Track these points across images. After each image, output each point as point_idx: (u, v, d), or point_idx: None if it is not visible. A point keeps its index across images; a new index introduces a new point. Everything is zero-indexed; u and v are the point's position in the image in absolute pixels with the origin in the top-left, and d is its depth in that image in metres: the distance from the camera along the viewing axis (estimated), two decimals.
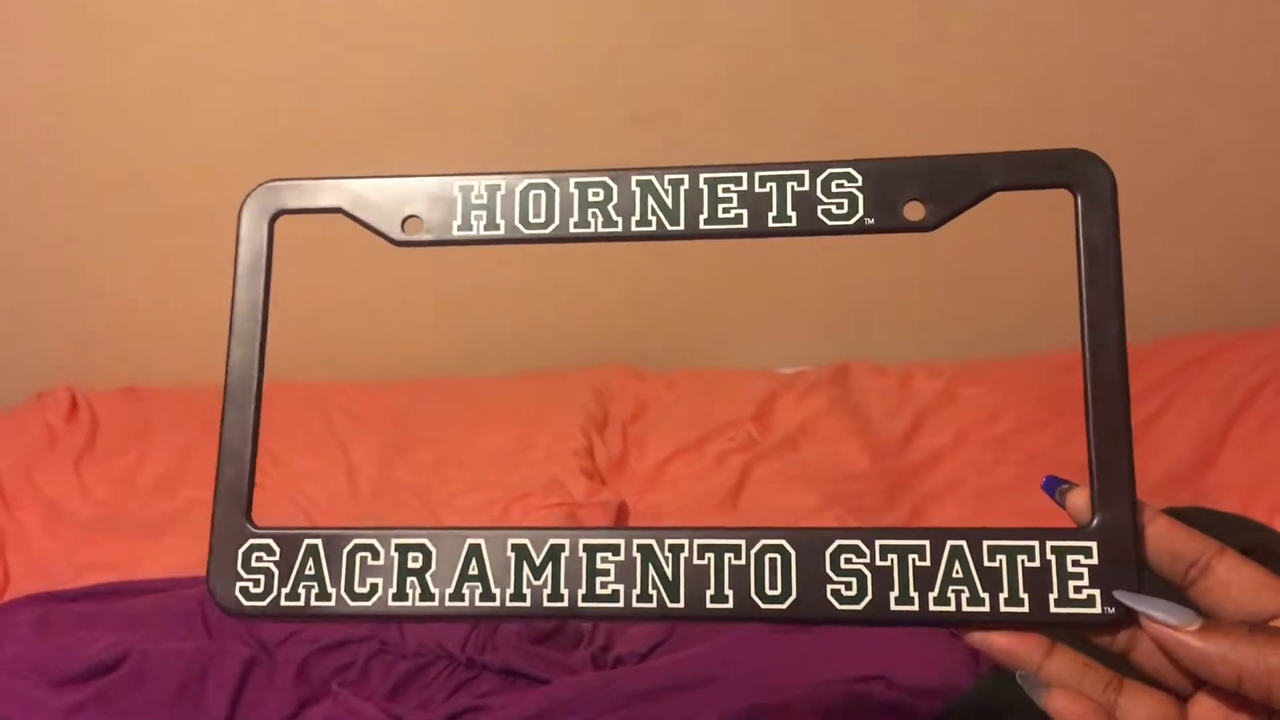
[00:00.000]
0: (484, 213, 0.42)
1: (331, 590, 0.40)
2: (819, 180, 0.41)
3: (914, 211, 0.40)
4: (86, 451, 1.36)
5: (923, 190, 0.40)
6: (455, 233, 0.42)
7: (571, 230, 0.41)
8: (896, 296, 1.43)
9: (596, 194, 0.41)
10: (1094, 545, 0.38)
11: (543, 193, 0.42)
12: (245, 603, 0.40)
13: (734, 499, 1.19)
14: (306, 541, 0.40)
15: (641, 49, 1.29)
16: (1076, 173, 0.39)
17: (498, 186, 0.42)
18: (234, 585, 0.40)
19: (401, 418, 1.37)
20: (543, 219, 0.41)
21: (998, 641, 0.38)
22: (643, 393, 1.38)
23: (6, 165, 1.42)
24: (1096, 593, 0.37)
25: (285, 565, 0.40)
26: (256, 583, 0.40)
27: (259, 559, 0.40)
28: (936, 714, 0.70)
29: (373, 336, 1.52)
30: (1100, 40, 1.25)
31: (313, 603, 0.40)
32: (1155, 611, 0.35)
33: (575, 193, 0.41)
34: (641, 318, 1.50)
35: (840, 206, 0.40)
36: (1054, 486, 0.40)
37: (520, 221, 0.41)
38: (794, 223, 0.40)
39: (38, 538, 1.21)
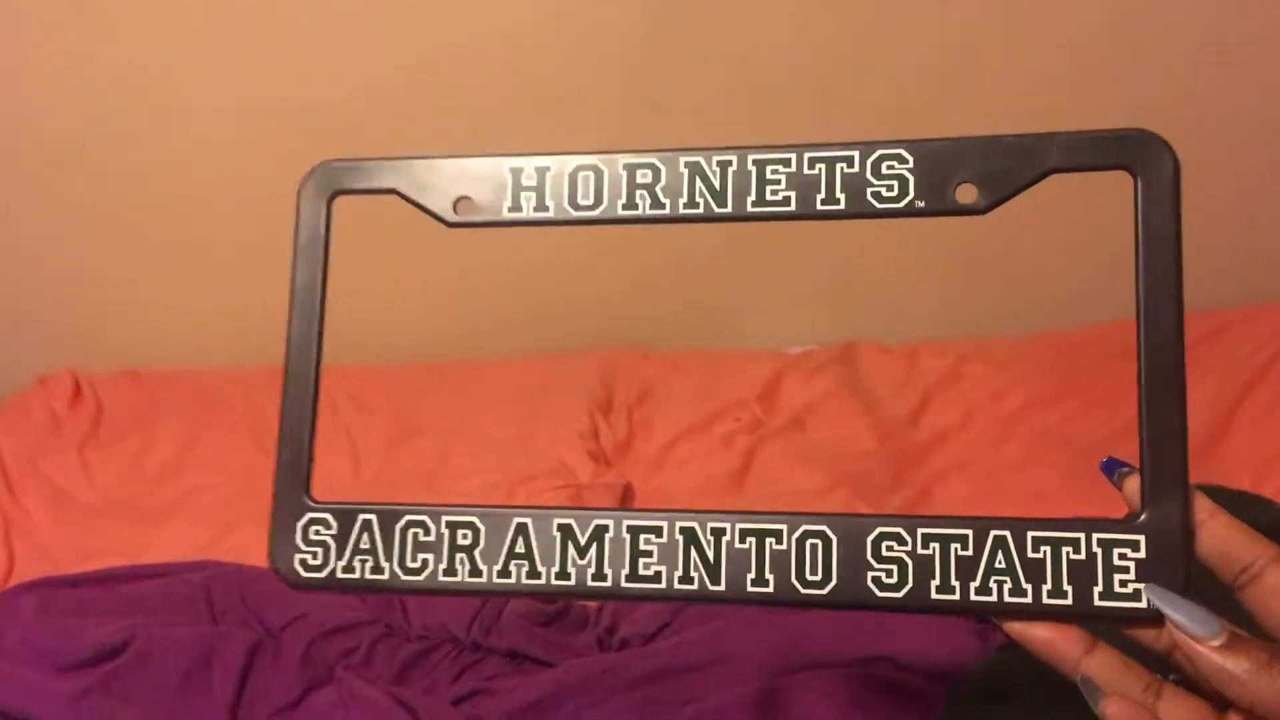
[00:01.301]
0: (533, 194, 0.42)
1: (385, 565, 0.41)
2: (869, 162, 0.40)
3: (966, 194, 0.39)
4: (91, 437, 1.36)
5: (976, 172, 0.39)
6: (506, 214, 0.42)
7: (620, 212, 0.41)
8: (902, 276, 1.42)
9: (645, 175, 0.41)
10: (1142, 539, 0.37)
11: (591, 174, 0.42)
12: (304, 574, 0.42)
13: (740, 480, 1.18)
14: (361, 516, 0.42)
15: (644, 30, 1.28)
16: (1138, 155, 0.38)
17: (547, 168, 0.42)
18: (294, 557, 0.42)
19: (405, 402, 1.37)
20: (591, 200, 0.42)
21: (1038, 633, 0.37)
22: (648, 374, 1.37)
23: (7, 152, 1.41)
24: (1142, 588, 0.36)
25: (341, 539, 0.41)
26: (314, 555, 0.42)
27: (316, 532, 0.42)
28: (944, 694, 0.70)
29: (375, 321, 1.52)
30: (1117, 11, 1.24)
31: (367, 575, 0.41)
32: (1181, 617, 0.34)
33: (624, 174, 0.41)
34: (646, 298, 1.49)
35: (890, 189, 0.40)
36: (1113, 469, 0.39)
37: (569, 203, 0.42)
38: (842, 205, 0.40)
39: (43, 524, 1.21)
